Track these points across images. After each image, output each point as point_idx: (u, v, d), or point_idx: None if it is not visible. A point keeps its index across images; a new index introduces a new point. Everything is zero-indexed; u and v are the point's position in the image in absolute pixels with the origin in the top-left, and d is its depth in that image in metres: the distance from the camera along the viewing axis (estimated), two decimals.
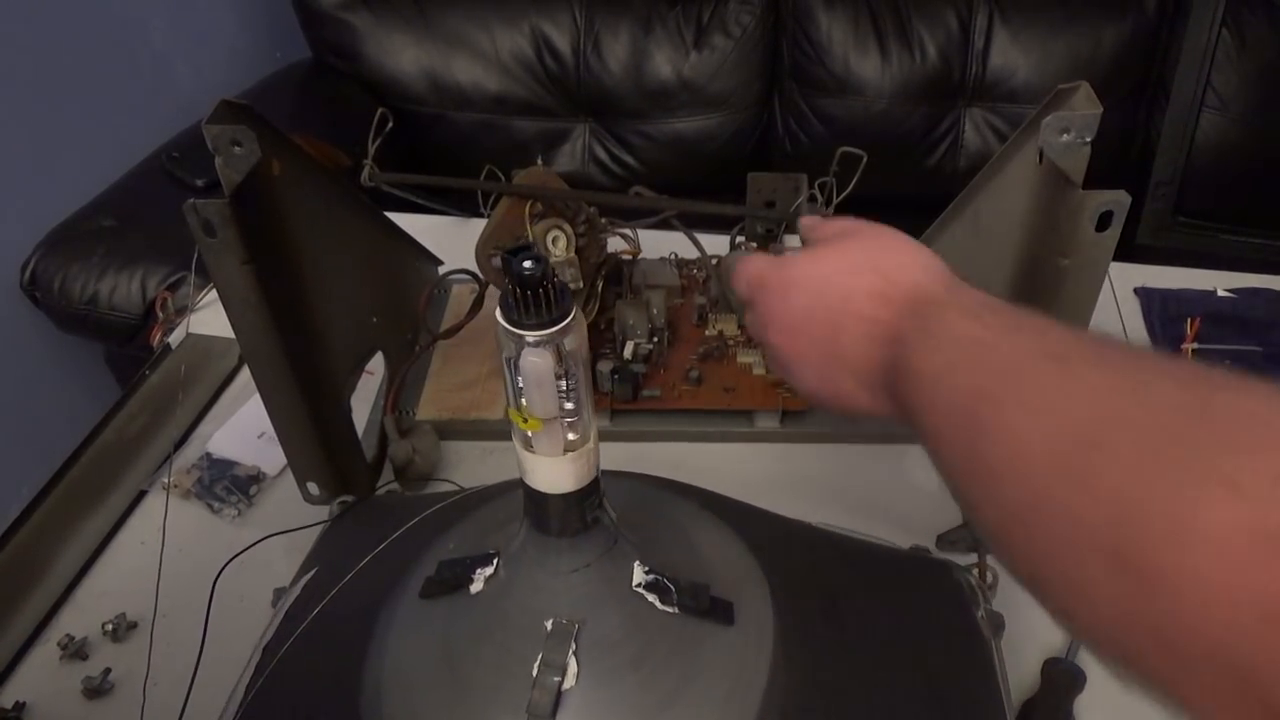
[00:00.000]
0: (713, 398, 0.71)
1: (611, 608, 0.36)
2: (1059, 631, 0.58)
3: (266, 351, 0.55)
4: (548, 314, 0.30)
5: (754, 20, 1.53)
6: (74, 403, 1.33)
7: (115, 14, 1.34)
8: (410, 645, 0.39)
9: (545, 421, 0.32)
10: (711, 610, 0.37)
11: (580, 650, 0.35)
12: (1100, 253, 0.46)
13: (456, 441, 0.71)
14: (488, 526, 0.42)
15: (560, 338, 0.30)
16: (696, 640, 0.36)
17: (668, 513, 0.44)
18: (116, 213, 1.28)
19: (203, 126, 0.48)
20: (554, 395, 0.31)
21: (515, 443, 0.34)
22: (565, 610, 0.36)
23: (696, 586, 0.37)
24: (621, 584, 0.37)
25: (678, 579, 0.37)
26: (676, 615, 0.36)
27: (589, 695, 0.35)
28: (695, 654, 0.36)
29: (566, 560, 0.36)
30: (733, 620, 0.37)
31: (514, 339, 0.30)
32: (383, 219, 0.72)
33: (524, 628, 0.36)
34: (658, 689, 0.35)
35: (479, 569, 0.38)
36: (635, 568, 0.37)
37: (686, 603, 0.36)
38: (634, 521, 0.38)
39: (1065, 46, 1.47)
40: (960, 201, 0.67)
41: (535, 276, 0.29)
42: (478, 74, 1.58)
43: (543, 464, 0.33)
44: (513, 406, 0.32)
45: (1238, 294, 0.82)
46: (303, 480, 0.63)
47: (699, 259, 0.78)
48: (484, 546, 0.39)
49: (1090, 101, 0.46)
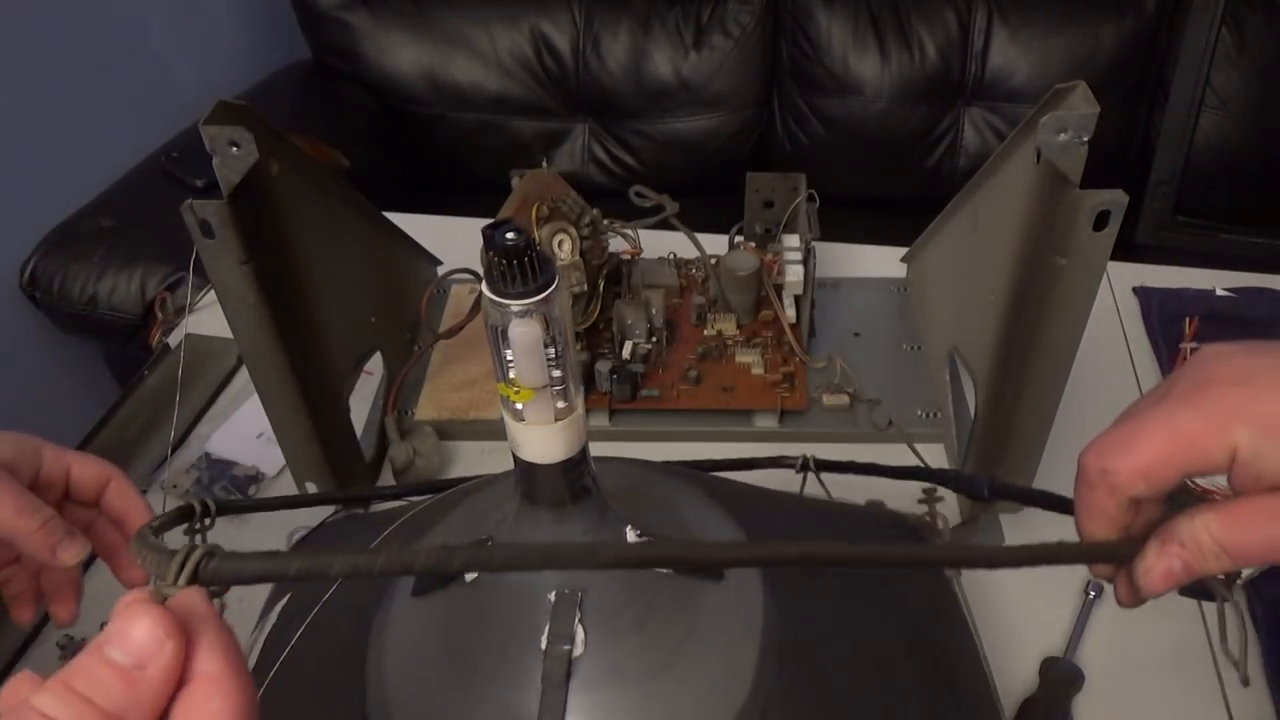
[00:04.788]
0: (711, 397, 0.71)
1: (610, 574, 0.37)
2: (1057, 631, 0.58)
3: (265, 352, 0.55)
4: (534, 282, 0.31)
5: (753, 20, 1.53)
6: (73, 403, 1.33)
7: (115, 14, 1.34)
8: (411, 643, 0.39)
9: (536, 390, 0.33)
10: (703, 568, 0.39)
11: (585, 617, 0.36)
12: (1097, 252, 0.46)
13: (455, 441, 0.71)
14: (469, 519, 0.43)
15: (546, 305, 0.31)
16: (691, 596, 0.38)
17: (643, 484, 0.45)
18: (116, 213, 1.28)
19: (200, 127, 0.48)
20: (543, 363, 0.32)
21: (506, 418, 0.34)
22: (566, 581, 0.37)
23: None
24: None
25: (667, 540, 0.39)
26: (670, 575, 0.38)
27: (598, 660, 0.36)
28: (692, 610, 0.38)
29: (563, 531, 0.37)
30: (722, 575, 0.39)
31: (502, 310, 0.31)
32: (382, 219, 0.72)
33: (527, 604, 0.37)
34: (662, 646, 0.37)
35: None
36: (627, 532, 0.38)
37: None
38: (615, 493, 0.39)
39: (1064, 46, 1.47)
40: (958, 201, 0.67)
41: (519, 246, 0.30)
42: (477, 74, 1.58)
43: (535, 434, 0.34)
44: (502, 381, 0.33)
45: (1237, 293, 0.82)
46: (301, 481, 0.63)
47: (698, 259, 0.78)
48: (470, 537, 0.40)
49: (1088, 101, 0.46)
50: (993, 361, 0.57)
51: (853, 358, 0.73)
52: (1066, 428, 0.60)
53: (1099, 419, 0.74)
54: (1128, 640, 0.57)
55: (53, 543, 0.44)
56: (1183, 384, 0.30)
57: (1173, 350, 0.76)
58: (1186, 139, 1.48)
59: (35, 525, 0.44)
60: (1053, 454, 0.58)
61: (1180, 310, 0.79)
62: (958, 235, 0.69)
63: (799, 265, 0.71)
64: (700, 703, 0.36)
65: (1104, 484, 0.30)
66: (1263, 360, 0.29)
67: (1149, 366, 0.77)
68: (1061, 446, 0.61)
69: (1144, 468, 0.30)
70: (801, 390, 0.71)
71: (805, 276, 0.71)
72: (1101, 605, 0.59)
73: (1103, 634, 0.57)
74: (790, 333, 0.73)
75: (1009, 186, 0.54)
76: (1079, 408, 0.71)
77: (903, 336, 0.77)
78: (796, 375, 0.72)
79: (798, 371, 0.72)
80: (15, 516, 0.43)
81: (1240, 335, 0.80)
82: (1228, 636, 0.36)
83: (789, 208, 0.79)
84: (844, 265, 0.85)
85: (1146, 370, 0.76)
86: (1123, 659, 0.56)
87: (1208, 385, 0.29)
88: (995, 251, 0.56)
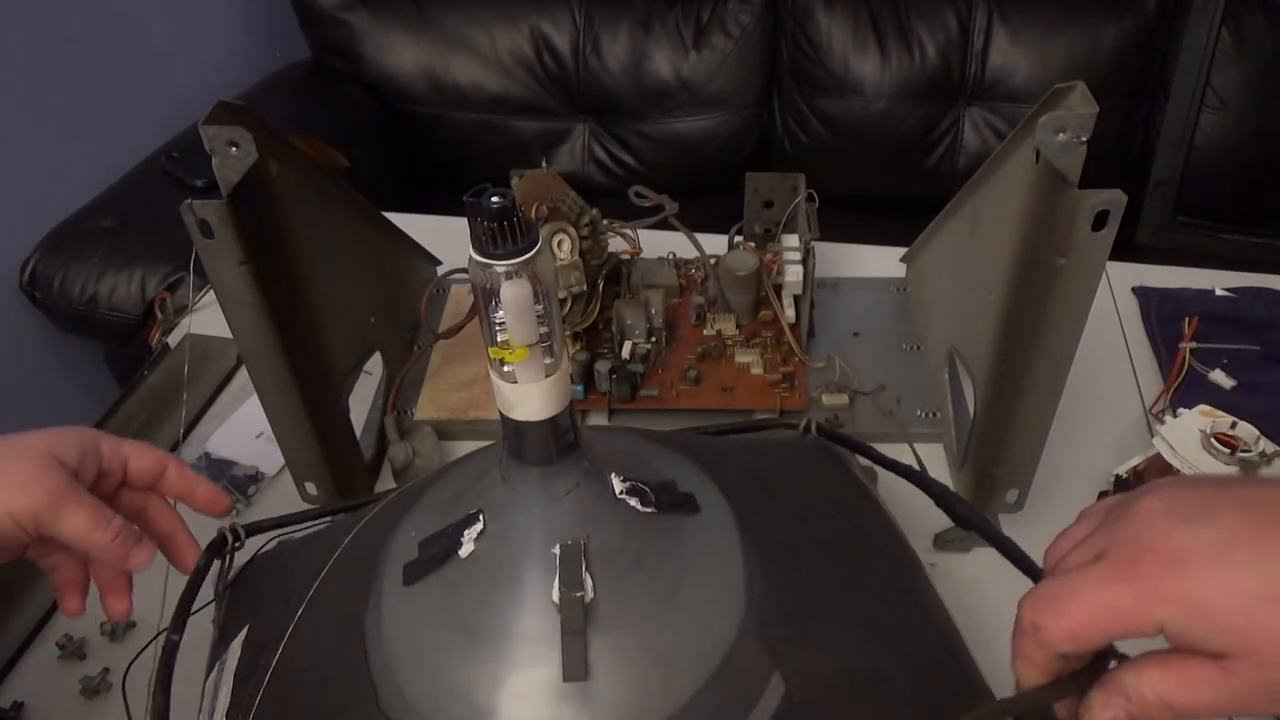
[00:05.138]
0: (711, 397, 0.71)
1: (605, 520, 0.39)
2: None
3: (264, 351, 0.55)
4: (522, 241, 0.32)
5: (753, 20, 1.53)
6: (73, 403, 1.33)
7: (115, 14, 1.34)
8: (415, 631, 0.40)
9: (530, 349, 0.34)
10: (682, 503, 0.42)
11: (590, 564, 0.38)
12: (1096, 252, 0.46)
13: (455, 441, 0.71)
14: (449, 498, 0.43)
15: (534, 264, 0.32)
16: (677, 531, 0.41)
17: (609, 441, 0.47)
18: (116, 213, 1.28)
19: (200, 127, 0.48)
20: (534, 321, 0.33)
21: (498, 383, 0.36)
22: (567, 532, 0.38)
23: (664, 484, 0.42)
24: (606, 497, 0.40)
25: (647, 482, 0.41)
26: (655, 514, 0.40)
27: (608, 603, 0.37)
28: (681, 542, 0.41)
29: (560, 484, 0.39)
30: (698, 508, 0.42)
31: (491, 272, 0.32)
32: (381, 219, 0.72)
33: (532, 561, 0.38)
34: (662, 580, 0.39)
35: (465, 531, 0.39)
36: (613, 479, 0.40)
37: (662, 500, 0.41)
38: (590, 448, 0.41)
39: (1065, 46, 1.47)
40: (957, 201, 0.67)
41: (506, 207, 0.31)
42: (477, 74, 1.58)
43: (528, 391, 0.35)
44: (493, 345, 0.34)
45: (1236, 293, 0.82)
46: (301, 480, 0.63)
47: (697, 259, 0.78)
48: (459, 513, 0.40)
49: (1086, 101, 0.46)
50: (992, 361, 0.57)
51: (852, 358, 0.73)
52: (1066, 428, 0.61)
53: (1099, 419, 0.74)
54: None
55: (125, 551, 0.45)
56: (1118, 550, 0.31)
57: (1172, 350, 0.76)
58: (1186, 139, 1.48)
59: (108, 538, 0.44)
60: (1052, 454, 0.58)
61: (1180, 310, 0.79)
62: (957, 235, 0.69)
63: (798, 265, 0.71)
64: (707, 624, 0.39)
65: (1035, 637, 0.32)
66: (1204, 532, 0.29)
67: (1148, 366, 0.77)
68: (1061, 446, 0.61)
69: (1072, 631, 0.31)
70: (801, 390, 0.71)
71: (805, 276, 0.71)
72: None
73: None
74: (790, 333, 0.73)
75: (1008, 186, 0.54)
76: (1078, 408, 0.71)
77: (902, 336, 0.77)
78: (796, 375, 0.72)
79: (797, 371, 0.72)
80: (90, 531, 0.44)
81: (1239, 335, 0.80)
82: None
83: (789, 208, 0.79)
84: (844, 265, 0.86)
85: (1146, 370, 0.76)
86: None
87: (1139, 558, 0.30)
88: (995, 251, 0.56)
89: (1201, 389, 0.73)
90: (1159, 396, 0.73)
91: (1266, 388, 0.73)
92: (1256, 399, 0.72)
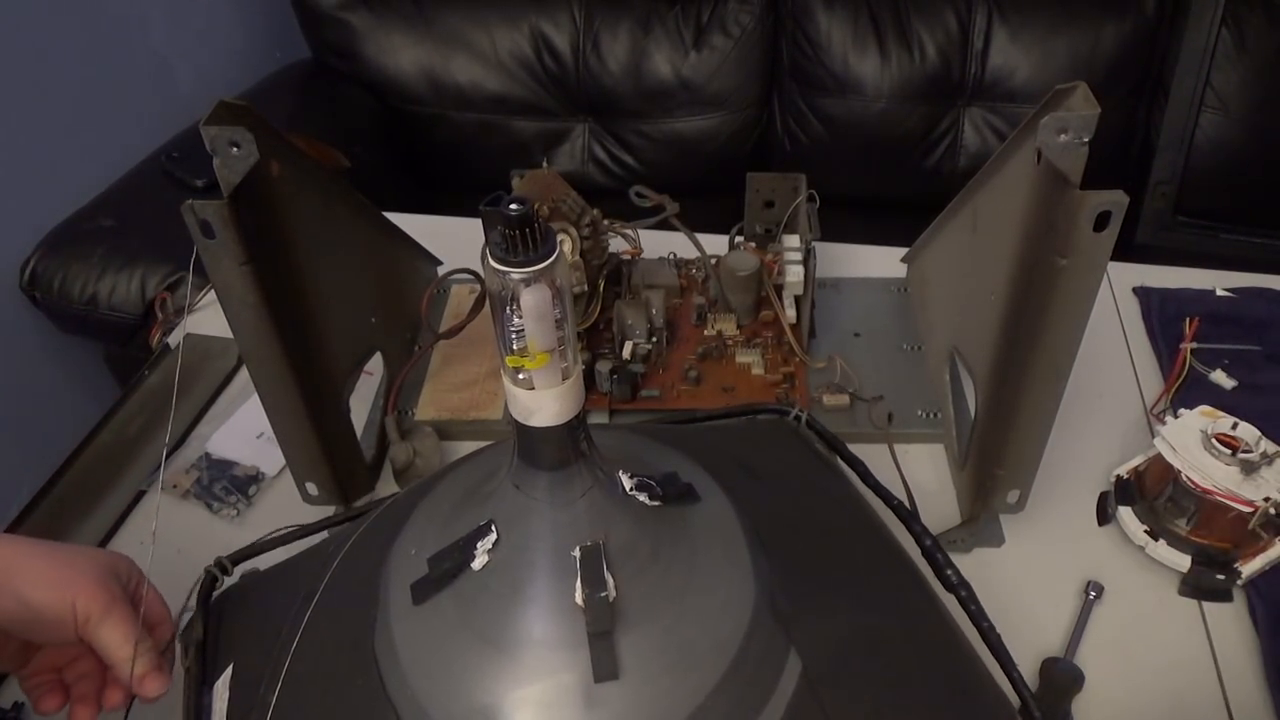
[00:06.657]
0: (712, 397, 0.71)
1: (619, 517, 0.39)
2: (1057, 632, 0.58)
3: (265, 352, 0.55)
4: (541, 248, 0.32)
5: (753, 20, 1.53)
6: (73, 403, 1.33)
7: (115, 14, 1.34)
8: (433, 650, 0.39)
9: (550, 354, 0.34)
10: (685, 493, 0.43)
11: (610, 563, 0.38)
12: (1098, 253, 0.46)
13: (455, 442, 0.71)
14: (440, 519, 0.43)
15: (554, 270, 0.32)
16: (683, 521, 0.42)
17: (608, 439, 0.47)
18: (116, 213, 1.28)
19: (200, 127, 0.48)
20: (554, 327, 0.33)
21: (515, 391, 0.35)
22: (584, 533, 0.38)
23: (667, 477, 0.43)
24: (617, 495, 0.40)
25: (651, 477, 0.42)
26: (662, 507, 0.41)
27: (631, 599, 0.38)
28: (689, 531, 0.42)
29: (576, 487, 0.39)
30: (699, 497, 0.43)
31: (509, 279, 0.32)
32: (382, 219, 0.72)
33: (551, 566, 0.38)
34: (678, 570, 0.40)
35: (478, 543, 0.39)
36: (621, 477, 0.40)
37: (668, 492, 0.42)
38: (599, 448, 0.41)
39: (1065, 46, 1.47)
40: (958, 201, 0.67)
41: (526, 214, 0.31)
42: (477, 74, 1.58)
43: (547, 397, 0.35)
44: (510, 354, 0.34)
45: (1237, 293, 0.82)
46: (302, 481, 0.63)
47: (698, 259, 0.78)
48: (468, 525, 0.40)
49: (1088, 102, 0.46)
50: (993, 362, 0.57)
51: (853, 358, 0.73)
52: (1067, 428, 0.61)
53: (1100, 419, 0.74)
54: (1128, 640, 0.57)
55: (142, 673, 0.46)
56: None
57: (1173, 350, 0.76)
58: (1186, 139, 1.48)
59: (129, 655, 0.46)
60: (1053, 454, 0.58)
61: (1180, 310, 0.79)
62: (958, 235, 0.69)
63: (799, 265, 0.71)
64: (726, 606, 0.40)
65: None
66: None
67: (1149, 367, 0.77)
68: (1062, 447, 0.61)
69: None
70: (801, 390, 0.71)
71: (805, 277, 0.71)
72: (1101, 605, 0.59)
73: (1103, 634, 0.57)
74: (790, 333, 0.73)
75: (1009, 187, 0.54)
76: (1080, 408, 0.71)
77: (903, 336, 0.77)
78: (797, 375, 0.72)
79: (798, 372, 0.72)
80: (122, 645, 0.45)
81: (1240, 335, 0.80)
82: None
83: (789, 208, 0.79)
84: (844, 265, 0.86)
85: (1147, 370, 0.76)
86: (1123, 659, 0.56)
87: None
88: (996, 252, 0.56)
89: (1202, 389, 0.73)
90: (1160, 397, 0.73)
91: (1268, 388, 0.73)
92: (1258, 399, 0.72)
